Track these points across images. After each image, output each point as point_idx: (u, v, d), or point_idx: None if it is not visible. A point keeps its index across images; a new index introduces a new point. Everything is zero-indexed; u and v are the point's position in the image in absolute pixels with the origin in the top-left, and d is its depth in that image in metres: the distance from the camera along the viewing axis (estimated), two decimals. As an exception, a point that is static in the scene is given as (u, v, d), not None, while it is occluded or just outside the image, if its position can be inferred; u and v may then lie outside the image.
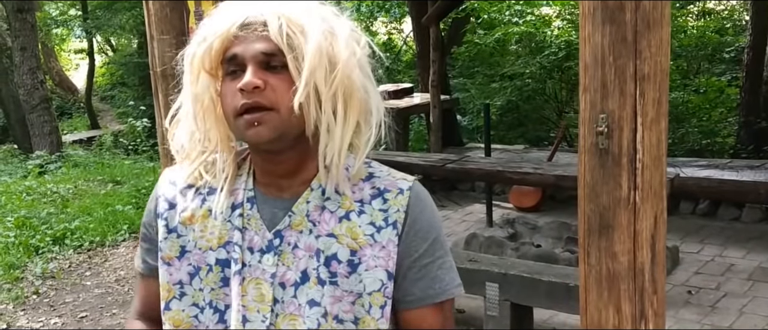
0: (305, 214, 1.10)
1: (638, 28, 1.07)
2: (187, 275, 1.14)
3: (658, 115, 1.10)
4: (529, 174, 5.47)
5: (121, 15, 13.92)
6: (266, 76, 1.04)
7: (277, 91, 1.04)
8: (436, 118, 7.80)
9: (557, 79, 9.89)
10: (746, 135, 7.86)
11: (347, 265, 1.09)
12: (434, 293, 1.12)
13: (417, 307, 1.13)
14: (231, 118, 1.06)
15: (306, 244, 1.10)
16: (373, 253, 1.09)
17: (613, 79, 1.11)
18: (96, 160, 10.13)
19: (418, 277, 1.12)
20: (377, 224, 1.10)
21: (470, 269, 3.66)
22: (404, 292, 1.12)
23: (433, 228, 1.13)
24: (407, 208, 1.11)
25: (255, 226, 1.12)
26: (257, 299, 1.09)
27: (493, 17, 11.64)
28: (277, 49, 1.04)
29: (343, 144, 1.06)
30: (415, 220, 1.11)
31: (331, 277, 1.08)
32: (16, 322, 4.61)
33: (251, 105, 1.03)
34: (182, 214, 1.15)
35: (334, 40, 1.06)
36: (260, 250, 1.11)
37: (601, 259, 1.16)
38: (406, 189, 1.13)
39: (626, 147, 1.11)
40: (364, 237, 1.09)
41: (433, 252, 1.13)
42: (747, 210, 5.88)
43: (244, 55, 1.04)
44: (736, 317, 4.03)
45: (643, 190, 1.11)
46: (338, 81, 1.04)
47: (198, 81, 1.10)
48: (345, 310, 1.09)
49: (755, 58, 7.83)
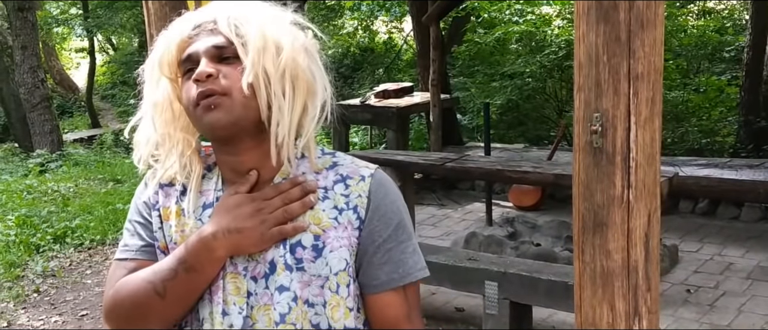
0: None
1: (632, 28, 1.08)
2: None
3: (652, 114, 1.11)
4: (528, 173, 5.47)
5: (121, 14, 13.94)
6: (219, 66, 1.11)
7: (229, 77, 1.10)
8: (436, 117, 7.80)
9: (557, 79, 9.89)
10: (746, 134, 7.87)
11: (312, 250, 1.13)
12: (398, 276, 1.16)
13: (382, 292, 1.16)
14: (191, 110, 1.12)
15: None
16: (337, 234, 1.14)
17: (607, 78, 1.12)
18: (96, 159, 10.15)
19: (383, 261, 1.15)
20: (339, 207, 1.15)
21: (469, 268, 3.67)
22: (370, 277, 1.16)
23: (396, 213, 1.17)
24: (369, 193, 1.16)
25: None
26: (234, 292, 1.13)
27: (494, 16, 11.65)
28: (227, 41, 1.11)
29: (291, 123, 1.11)
30: (377, 206, 1.16)
31: (297, 264, 1.13)
32: (17, 321, 4.63)
33: (206, 92, 1.09)
34: (163, 210, 1.21)
35: (277, 26, 1.13)
36: None
37: (596, 257, 1.17)
38: (368, 175, 1.17)
39: (620, 146, 1.12)
40: (327, 220, 1.14)
41: (397, 236, 1.16)
42: (746, 209, 5.88)
43: (197, 51, 1.12)
44: (734, 316, 4.04)
45: (636, 188, 1.12)
46: (284, 63, 1.10)
47: (158, 87, 1.17)
48: (315, 294, 1.13)
49: (755, 58, 7.83)
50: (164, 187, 1.23)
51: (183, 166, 1.19)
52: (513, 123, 10.60)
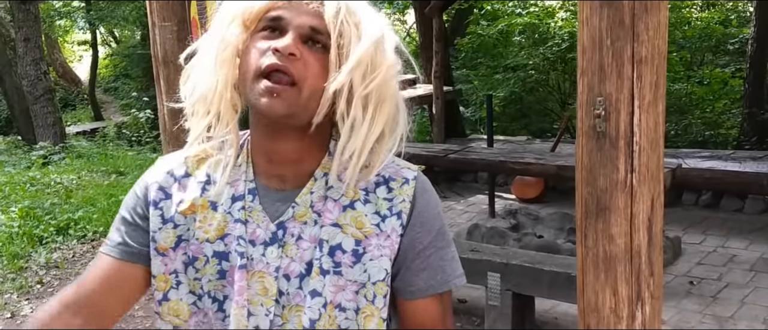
0: (309, 205, 1.09)
1: (636, 11, 1.07)
2: (182, 264, 1.11)
3: (656, 98, 1.10)
4: (531, 164, 5.47)
5: (124, 6, 13.93)
6: (304, 49, 1.02)
7: (308, 66, 1.01)
8: (439, 109, 7.79)
9: (560, 71, 9.88)
10: (750, 126, 7.85)
11: (352, 255, 1.07)
12: (437, 284, 1.11)
13: (419, 298, 1.12)
14: (250, 76, 1.02)
15: (310, 236, 1.08)
16: (378, 242, 1.08)
17: (611, 62, 1.11)
18: (99, 152, 10.15)
19: (422, 267, 1.11)
20: (382, 213, 1.09)
21: (472, 259, 3.67)
22: (407, 283, 1.11)
23: (437, 219, 1.12)
24: (413, 198, 1.10)
25: (257, 218, 1.09)
26: (261, 293, 1.07)
27: (497, 8, 11.62)
28: (324, 30, 1.02)
29: (365, 144, 1.04)
30: (420, 211, 1.10)
31: (334, 267, 1.07)
32: (21, 312, 4.64)
33: (279, 68, 1.00)
34: (180, 204, 1.11)
35: (383, 44, 1.05)
36: (263, 242, 1.08)
37: (598, 242, 1.17)
38: (412, 178, 1.11)
39: (623, 130, 1.11)
40: (369, 226, 1.08)
41: (437, 243, 1.11)
42: (749, 201, 5.87)
43: (290, 20, 1.03)
44: (737, 308, 4.03)
45: (640, 173, 1.12)
46: (376, 83, 1.03)
47: (229, 27, 1.06)
48: (348, 299, 1.07)
49: (759, 50, 7.81)
50: (180, 179, 1.14)
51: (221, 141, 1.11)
52: (516, 115, 10.60)
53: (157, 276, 1.12)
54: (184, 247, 1.10)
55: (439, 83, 7.66)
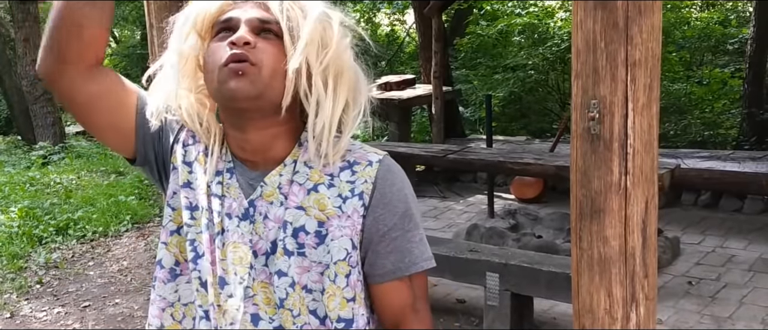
0: (277, 186, 1.14)
1: (630, 14, 1.08)
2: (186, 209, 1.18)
3: (650, 101, 1.11)
4: (530, 164, 5.48)
5: (124, 6, 13.93)
6: (257, 39, 1.08)
7: (265, 52, 1.08)
8: (439, 109, 7.80)
9: (560, 71, 9.88)
10: (749, 126, 7.86)
11: (315, 236, 1.12)
12: (404, 266, 1.14)
13: (388, 281, 1.15)
14: (215, 70, 1.08)
15: (275, 216, 1.13)
16: (340, 223, 1.12)
17: (605, 65, 1.12)
18: (99, 152, 10.15)
19: (389, 250, 1.14)
20: (343, 195, 1.13)
21: (471, 259, 3.68)
22: (374, 267, 1.14)
23: (402, 201, 1.15)
24: (375, 180, 1.14)
25: (233, 193, 1.15)
26: (236, 262, 1.13)
27: (496, 8, 11.62)
28: (273, 19, 1.09)
29: (333, 118, 1.10)
30: (383, 193, 1.13)
31: (298, 248, 1.11)
32: (20, 312, 4.64)
33: (238, 56, 1.06)
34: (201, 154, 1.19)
35: (328, 23, 1.12)
36: (238, 216, 1.14)
37: (593, 244, 1.17)
38: (376, 161, 1.15)
39: (617, 132, 1.12)
40: (332, 208, 1.12)
41: (403, 225, 1.14)
42: (749, 201, 5.88)
43: (239, 18, 1.10)
44: (736, 308, 4.04)
45: (634, 175, 1.12)
46: (330, 58, 1.10)
47: (186, 40, 1.14)
48: (314, 280, 1.12)
49: (759, 50, 7.82)
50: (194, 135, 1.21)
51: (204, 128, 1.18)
52: (515, 115, 10.60)
53: (176, 209, 1.18)
54: (187, 192, 1.17)
55: (438, 83, 7.67)
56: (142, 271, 5.29)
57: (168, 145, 1.20)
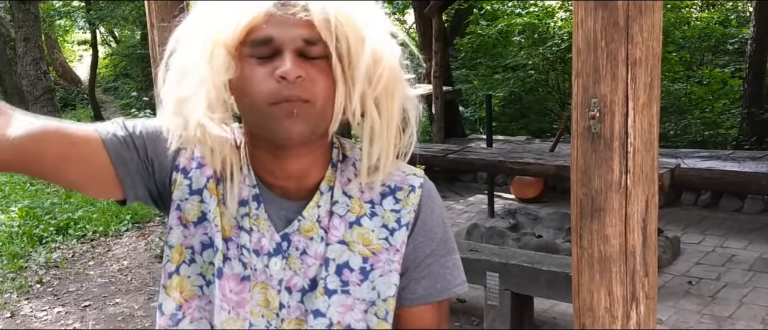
0: (316, 220, 1.03)
1: (630, 13, 1.08)
2: (200, 244, 1.04)
3: (650, 100, 1.11)
4: (530, 164, 5.48)
5: (124, 6, 13.93)
6: (304, 65, 0.93)
7: (316, 82, 0.93)
8: (439, 109, 7.80)
9: (560, 71, 9.88)
10: (749, 126, 7.86)
11: (360, 273, 1.03)
12: (436, 292, 1.08)
13: (417, 305, 1.09)
14: (259, 105, 0.93)
15: (316, 252, 1.03)
16: (388, 257, 1.04)
17: (605, 64, 1.12)
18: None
19: (423, 276, 1.07)
20: (390, 226, 1.04)
21: (471, 259, 3.67)
22: (406, 290, 1.08)
23: (441, 227, 1.08)
24: (418, 207, 1.06)
25: (263, 227, 1.03)
26: (262, 304, 1.03)
27: (496, 8, 11.62)
28: (318, 37, 0.93)
29: (390, 145, 1.00)
30: (424, 220, 1.06)
31: (342, 286, 1.03)
32: (21, 311, 4.65)
33: (291, 96, 0.92)
34: (211, 180, 1.03)
35: (380, 33, 0.97)
36: (268, 253, 1.03)
37: (593, 242, 1.17)
38: (418, 186, 1.07)
39: (618, 131, 1.12)
40: (377, 241, 1.04)
41: (439, 251, 1.08)
42: (749, 201, 5.88)
43: (281, 39, 0.93)
44: (736, 307, 4.04)
45: (634, 173, 1.12)
46: (385, 80, 0.96)
47: (212, 58, 0.94)
48: (357, 319, 1.03)
49: (759, 50, 7.82)
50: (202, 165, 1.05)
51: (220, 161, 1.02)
52: (515, 115, 10.60)
53: (174, 247, 1.05)
54: (206, 227, 1.04)
55: (438, 83, 7.67)
56: (142, 270, 5.30)
57: (165, 176, 1.06)
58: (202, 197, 1.04)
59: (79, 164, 1.01)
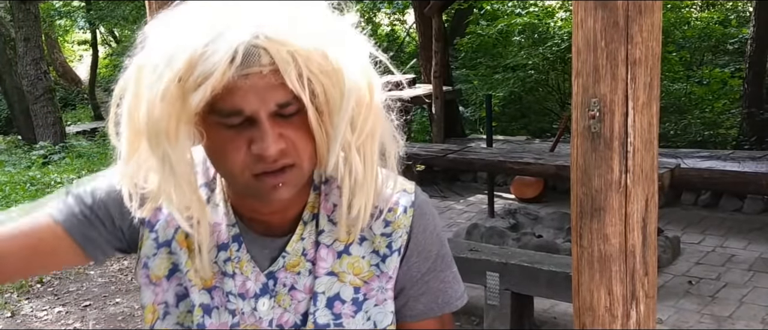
0: (301, 253, 0.98)
1: (630, 13, 1.09)
2: (174, 296, 1.00)
3: (650, 100, 1.11)
4: (530, 164, 5.49)
5: (124, 6, 13.94)
6: (281, 127, 0.84)
7: (297, 144, 0.86)
8: (439, 109, 7.81)
9: (560, 71, 9.89)
10: (749, 126, 7.87)
11: (352, 304, 0.98)
12: (437, 307, 1.04)
13: (418, 321, 1.05)
14: (242, 177, 0.87)
15: (305, 286, 0.98)
16: (381, 285, 0.99)
17: (605, 64, 1.12)
18: (99, 151, 10.17)
19: (421, 292, 1.03)
20: (381, 253, 0.99)
21: (471, 259, 3.68)
22: (406, 308, 1.04)
23: (436, 243, 1.03)
24: (410, 228, 1.00)
25: (246, 270, 0.97)
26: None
27: (496, 8, 11.64)
28: (292, 97, 0.83)
29: (370, 191, 0.94)
30: (417, 241, 1.01)
31: (334, 320, 0.98)
32: (21, 311, 4.65)
33: (275, 168, 0.86)
34: (179, 231, 0.97)
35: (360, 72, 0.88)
36: (254, 295, 0.98)
37: (593, 242, 1.18)
38: (409, 205, 1.01)
39: (618, 131, 1.13)
40: (368, 269, 0.99)
41: (436, 267, 1.04)
42: (749, 201, 5.88)
43: (252, 109, 0.83)
44: (736, 307, 4.04)
45: (634, 173, 1.13)
46: (370, 122, 0.90)
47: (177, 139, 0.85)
48: None
49: (759, 50, 7.82)
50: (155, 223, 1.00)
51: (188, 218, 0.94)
52: (515, 115, 10.61)
53: (146, 306, 1.01)
54: (179, 278, 0.99)
55: (438, 83, 7.68)
56: (142, 270, 5.31)
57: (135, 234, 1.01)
58: (170, 249, 0.99)
59: (47, 257, 0.99)
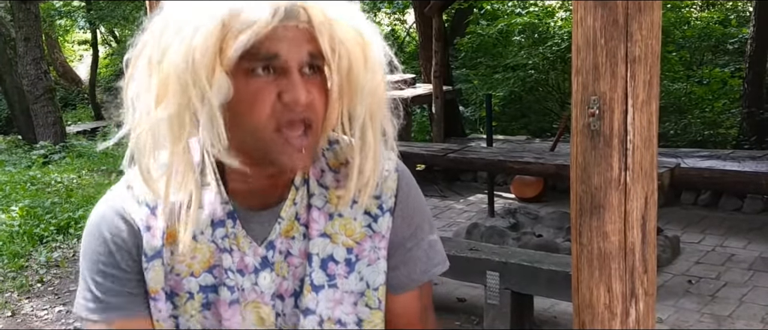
0: (294, 218, 1.00)
1: (630, 11, 1.09)
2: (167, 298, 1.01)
3: (649, 97, 1.11)
4: (530, 164, 5.49)
5: (124, 5, 13.95)
6: (306, 83, 0.88)
7: (316, 104, 0.90)
8: (439, 108, 7.81)
9: (560, 70, 9.89)
10: (749, 126, 7.87)
11: (345, 265, 1.00)
12: (417, 277, 1.05)
13: (399, 294, 1.05)
14: (265, 131, 0.89)
15: (299, 250, 1.00)
16: (373, 244, 1.01)
17: (605, 62, 1.12)
18: (100, 151, 10.17)
19: (403, 261, 1.04)
20: (373, 213, 1.01)
21: (471, 258, 3.68)
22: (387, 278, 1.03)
23: (418, 211, 1.05)
24: (397, 191, 1.02)
25: (243, 245, 0.99)
26: (257, 323, 1.00)
27: (496, 8, 11.64)
28: (320, 52, 0.88)
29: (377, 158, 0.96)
30: (402, 206, 1.03)
31: (329, 281, 0.99)
32: (21, 310, 4.65)
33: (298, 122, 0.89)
34: (163, 235, 0.98)
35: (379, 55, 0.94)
36: (254, 270, 0.99)
37: (593, 239, 1.18)
38: (394, 171, 1.03)
39: (617, 128, 1.13)
40: (361, 230, 1.00)
41: (418, 234, 1.05)
42: (748, 201, 5.89)
43: (288, 56, 0.87)
44: (735, 307, 4.05)
45: (633, 171, 1.13)
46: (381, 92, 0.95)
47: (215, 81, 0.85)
48: (347, 312, 1.01)
49: (759, 49, 7.83)
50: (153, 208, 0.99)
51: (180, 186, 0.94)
52: (515, 115, 10.62)
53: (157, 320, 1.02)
54: (168, 280, 0.99)
55: (438, 83, 7.68)
56: (142, 269, 5.31)
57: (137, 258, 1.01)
58: (162, 259, 0.99)
59: None
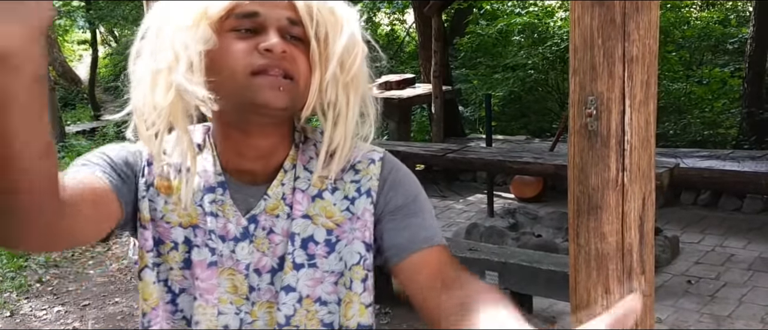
0: (281, 197, 1.05)
1: (627, 11, 1.08)
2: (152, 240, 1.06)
3: (647, 97, 1.11)
4: (529, 164, 5.49)
5: (123, 5, 13.95)
6: (287, 46, 0.97)
7: (297, 62, 0.98)
8: (438, 108, 7.81)
9: (560, 70, 9.87)
10: (748, 126, 7.86)
11: (325, 245, 1.05)
12: (422, 239, 1.03)
13: (406, 257, 1.02)
14: (242, 77, 0.95)
15: (282, 229, 1.05)
16: (351, 226, 1.05)
17: (602, 62, 1.12)
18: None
19: (402, 227, 1.04)
20: (350, 196, 1.06)
21: (470, 258, 3.68)
22: (391, 246, 1.04)
23: (411, 185, 1.08)
24: (380, 174, 1.07)
25: (228, 212, 1.04)
26: (230, 291, 1.04)
27: (496, 8, 11.63)
28: (299, 20, 0.98)
29: (348, 131, 1.02)
30: (392, 182, 1.07)
31: (309, 260, 1.04)
32: (20, 310, 4.65)
33: (277, 70, 0.95)
34: (158, 180, 1.05)
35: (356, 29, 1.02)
36: (234, 238, 1.04)
37: (590, 240, 1.17)
38: (378, 159, 1.08)
39: (615, 129, 1.12)
40: (339, 213, 1.05)
41: (414, 206, 1.06)
42: (748, 201, 5.88)
43: (266, 15, 0.97)
44: (735, 307, 4.04)
45: (631, 171, 1.13)
46: (356, 67, 1.01)
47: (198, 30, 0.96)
48: (328, 292, 1.05)
49: (758, 49, 7.82)
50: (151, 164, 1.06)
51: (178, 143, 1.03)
52: (515, 115, 10.60)
53: (140, 251, 1.07)
54: (154, 226, 1.05)
55: (438, 83, 7.68)
56: (141, 270, 5.30)
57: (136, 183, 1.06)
58: (150, 198, 1.05)
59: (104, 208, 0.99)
